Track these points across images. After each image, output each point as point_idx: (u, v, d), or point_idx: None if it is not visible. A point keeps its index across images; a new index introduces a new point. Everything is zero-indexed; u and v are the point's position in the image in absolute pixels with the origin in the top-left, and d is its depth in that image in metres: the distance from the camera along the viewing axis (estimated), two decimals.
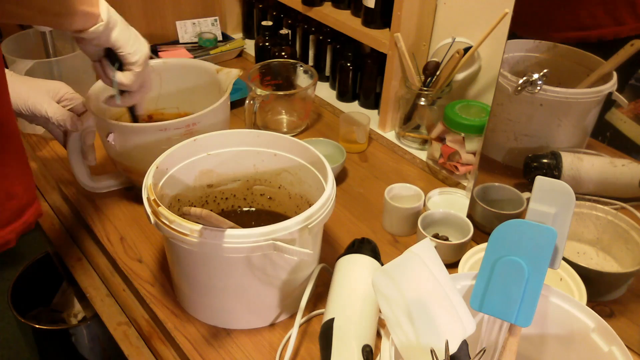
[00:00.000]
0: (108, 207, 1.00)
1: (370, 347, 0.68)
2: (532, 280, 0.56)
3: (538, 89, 0.75)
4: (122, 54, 0.76)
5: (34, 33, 1.18)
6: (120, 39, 0.75)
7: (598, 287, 0.78)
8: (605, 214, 0.79)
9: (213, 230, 0.65)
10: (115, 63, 0.78)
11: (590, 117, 0.76)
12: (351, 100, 1.33)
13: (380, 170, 1.12)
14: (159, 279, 0.86)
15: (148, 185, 0.73)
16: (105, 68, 0.78)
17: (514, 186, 0.88)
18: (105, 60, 0.77)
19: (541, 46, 0.77)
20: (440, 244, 0.86)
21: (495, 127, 0.85)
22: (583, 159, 0.78)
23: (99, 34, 0.72)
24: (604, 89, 0.72)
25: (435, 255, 0.57)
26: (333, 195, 0.74)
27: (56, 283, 1.62)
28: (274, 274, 0.73)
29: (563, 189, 0.57)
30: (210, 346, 0.76)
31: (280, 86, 1.26)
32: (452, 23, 1.11)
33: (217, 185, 0.89)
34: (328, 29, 1.31)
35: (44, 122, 0.87)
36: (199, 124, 0.89)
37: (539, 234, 0.56)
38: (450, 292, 0.56)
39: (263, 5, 1.50)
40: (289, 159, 0.86)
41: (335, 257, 0.80)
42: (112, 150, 0.92)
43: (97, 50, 0.76)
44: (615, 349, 0.56)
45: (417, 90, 1.11)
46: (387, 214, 0.96)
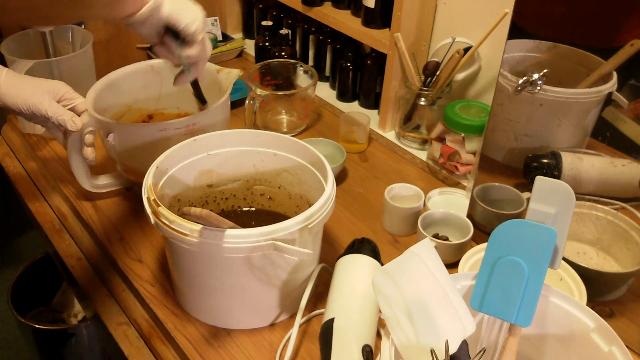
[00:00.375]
0: (108, 207, 1.00)
1: (370, 347, 0.68)
2: (532, 280, 0.56)
3: (538, 89, 0.75)
4: (180, 28, 0.74)
5: (34, 33, 1.18)
6: (174, 12, 0.73)
7: (598, 287, 0.78)
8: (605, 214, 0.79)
9: (213, 230, 0.65)
10: (178, 39, 0.76)
11: (590, 117, 0.76)
12: (351, 100, 1.34)
13: (380, 170, 1.12)
14: (159, 279, 0.86)
15: (148, 185, 0.73)
16: (170, 46, 0.76)
17: (514, 186, 0.88)
18: (169, 38, 0.75)
19: (541, 46, 0.77)
20: (440, 244, 0.86)
21: (495, 127, 0.85)
22: (583, 159, 0.78)
23: (150, 13, 0.70)
24: (604, 89, 0.72)
25: (435, 255, 0.57)
26: (333, 195, 0.74)
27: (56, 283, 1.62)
28: (274, 274, 0.73)
29: (563, 189, 0.57)
30: (210, 346, 0.76)
31: (280, 86, 1.26)
32: (452, 23, 1.11)
33: (217, 185, 0.89)
34: (328, 29, 1.31)
35: (43, 121, 0.86)
36: (198, 124, 0.89)
37: (539, 234, 0.56)
38: (450, 292, 0.56)
39: (263, 5, 1.50)
40: (289, 159, 0.86)
41: (335, 257, 0.80)
42: (112, 150, 0.92)
43: (155, 31, 0.74)
44: (615, 349, 0.56)
45: (417, 90, 1.11)
46: (387, 214, 0.96)
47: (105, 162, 1.07)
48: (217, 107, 0.91)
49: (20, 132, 1.22)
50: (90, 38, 1.17)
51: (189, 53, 0.77)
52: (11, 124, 1.26)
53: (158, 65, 1.03)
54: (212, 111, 0.91)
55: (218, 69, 1.00)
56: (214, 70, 1.00)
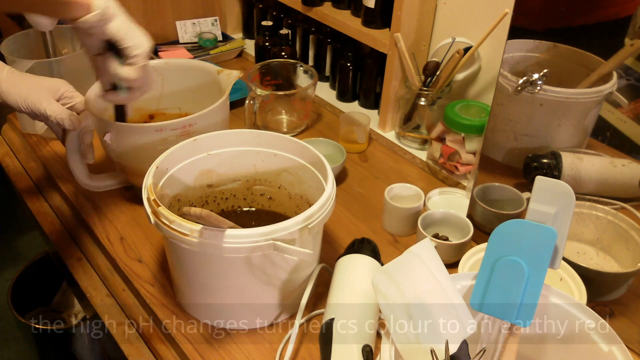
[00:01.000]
0: (108, 207, 1.00)
1: (370, 347, 0.68)
2: (532, 280, 0.56)
3: (538, 89, 0.75)
4: (123, 47, 0.75)
5: (34, 33, 1.18)
6: (122, 30, 0.73)
7: (598, 287, 0.78)
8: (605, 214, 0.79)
9: (213, 230, 0.65)
10: (120, 57, 0.76)
11: (590, 117, 0.76)
12: (351, 100, 1.33)
13: (380, 170, 1.12)
14: (159, 279, 0.86)
15: (148, 185, 0.73)
16: (107, 61, 0.76)
17: (514, 186, 0.88)
18: (109, 53, 0.76)
19: (541, 46, 0.77)
20: (440, 244, 0.86)
21: (495, 127, 0.85)
22: (583, 159, 0.78)
23: (93, 23, 0.71)
24: (604, 89, 0.72)
25: (435, 255, 0.57)
26: (333, 195, 0.74)
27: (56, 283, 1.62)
28: (274, 274, 0.73)
29: (563, 189, 0.57)
30: (210, 346, 0.76)
31: (280, 86, 1.26)
32: (452, 23, 1.11)
33: (217, 185, 0.89)
34: (328, 29, 1.31)
35: (43, 119, 0.87)
36: (195, 125, 0.89)
37: (539, 234, 0.56)
38: (450, 292, 0.56)
39: (263, 5, 1.50)
40: (289, 159, 0.86)
41: (335, 257, 0.80)
42: (109, 149, 0.92)
43: (96, 42, 0.74)
44: (615, 349, 0.56)
45: (417, 90, 1.11)
46: (387, 214, 0.96)
47: (105, 161, 1.07)
48: (215, 109, 0.91)
49: (20, 132, 1.22)
50: None
51: (128, 74, 0.76)
52: (11, 124, 1.26)
53: (159, 65, 1.03)
54: (210, 112, 0.90)
55: (218, 70, 1.00)
56: (214, 71, 1.00)
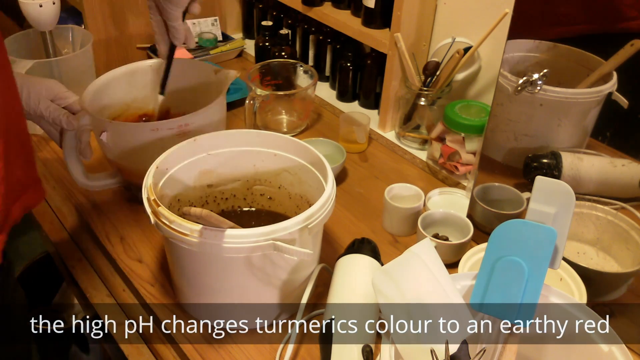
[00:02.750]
0: (108, 207, 1.00)
1: (370, 347, 0.68)
2: (532, 280, 0.56)
3: (538, 89, 0.75)
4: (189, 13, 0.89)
5: (34, 33, 1.18)
6: None
7: (598, 287, 0.78)
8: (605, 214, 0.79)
9: (213, 230, 0.65)
10: None
11: (590, 117, 0.76)
12: (351, 100, 1.33)
13: (380, 170, 1.12)
14: (159, 279, 0.86)
15: (148, 185, 0.73)
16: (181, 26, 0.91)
17: (514, 186, 0.88)
18: None
19: (541, 46, 0.77)
20: (440, 244, 0.86)
21: (495, 127, 0.85)
22: (583, 159, 0.78)
23: None
24: (604, 89, 0.72)
25: (435, 255, 0.57)
26: (333, 195, 0.74)
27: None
28: (274, 274, 0.73)
29: (563, 189, 0.57)
30: (210, 346, 0.76)
31: (280, 86, 1.26)
32: (452, 23, 1.11)
33: (217, 185, 0.89)
34: (328, 29, 1.30)
35: (38, 120, 0.87)
36: (191, 124, 0.89)
37: (539, 234, 0.56)
38: (450, 292, 0.56)
39: (263, 5, 1.50)
40: (289, 159, 0.85)
41: (335, 257, 0.80)
42: (106, 149, 0.92)
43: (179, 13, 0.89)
44: (615, 349, 0.56)
45: (417, 90, 1.11)
46: (387, 214, 0.96)
47: (103, 161, 1.06)
48: (212, 108, 0.91)
49: None
50: (90, 38, 1.17)
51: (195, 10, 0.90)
52: None
53: (157, 64, 1.03)
54: (206, 112, 0.90)
55: (216, 70, 1.00)
56: (212, 71, 1.00)
